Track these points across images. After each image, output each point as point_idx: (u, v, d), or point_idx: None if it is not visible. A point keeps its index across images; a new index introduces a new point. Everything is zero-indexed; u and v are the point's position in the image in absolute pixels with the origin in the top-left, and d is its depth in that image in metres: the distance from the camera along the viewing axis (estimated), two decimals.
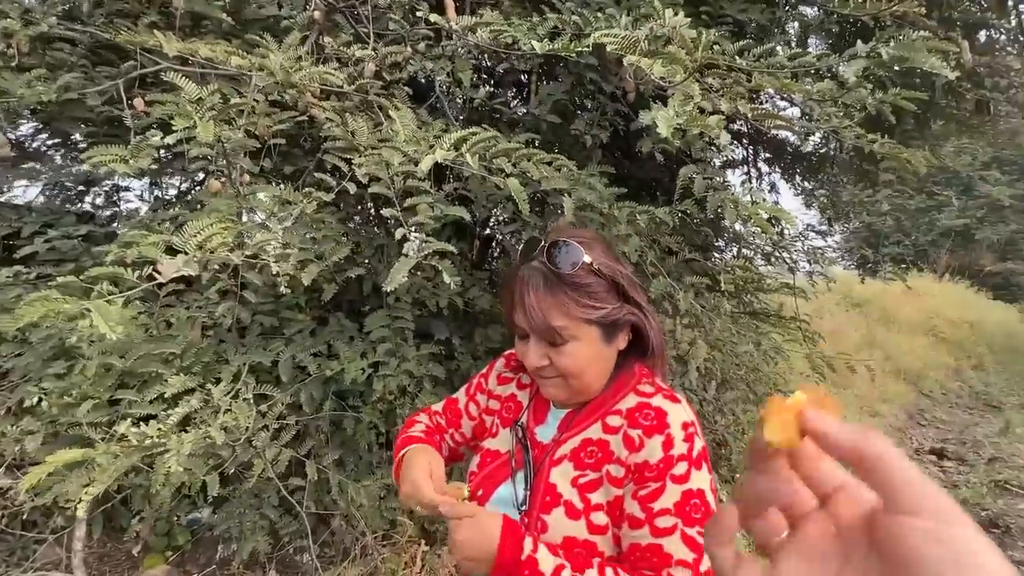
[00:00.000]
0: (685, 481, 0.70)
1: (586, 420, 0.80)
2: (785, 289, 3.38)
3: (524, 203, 1.12)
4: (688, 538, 0.69)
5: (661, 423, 0.73)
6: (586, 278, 0.75)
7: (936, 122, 2.44)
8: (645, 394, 0.78)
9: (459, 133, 1.11)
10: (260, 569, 1.99)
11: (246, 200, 1.16)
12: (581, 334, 0.75)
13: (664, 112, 0.84)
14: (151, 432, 0.93)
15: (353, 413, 1.88)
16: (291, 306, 2.05)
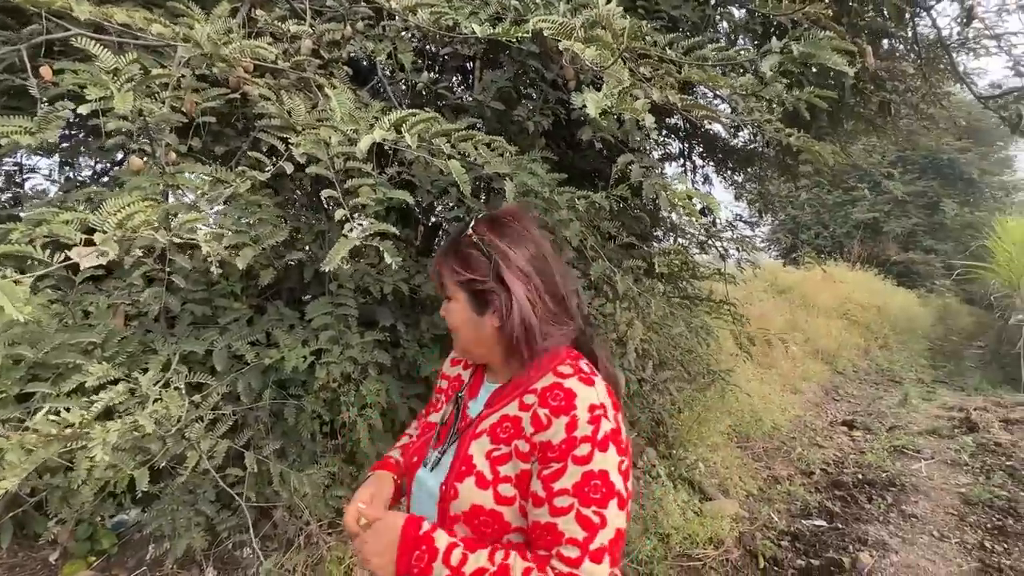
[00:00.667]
0: (587, 462, 0.72)
1: (507, 397, 0.84)
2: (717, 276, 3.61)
3: (466, 185, 1.13)
4: (583, 518, 0.71)
5: (568, 404, 0.75)
6: (467, 248, 0.85)
7: (847, 121, 2.68)
8: (562, 375, 0.79)
9: (399, 114, 1.11)
10: (196, 567, 1.91)
11: (172, 178, 1.10)
12: (456, 296, 0.86)
13: (593, 95, 0.88)
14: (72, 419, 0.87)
15: (295, 402, 1.84)
16: (225, 294, 1.96)
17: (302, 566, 1.86)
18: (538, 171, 1.34)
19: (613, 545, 0.72)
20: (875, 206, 13.22)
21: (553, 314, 0.84)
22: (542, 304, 0.84)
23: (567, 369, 0.81)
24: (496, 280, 0.83)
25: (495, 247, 0.84)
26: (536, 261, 0.85)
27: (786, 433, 4.73)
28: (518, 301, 0.82)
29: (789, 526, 3.14)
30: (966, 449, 4.16)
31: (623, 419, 0.79)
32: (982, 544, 2.83)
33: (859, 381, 7.12)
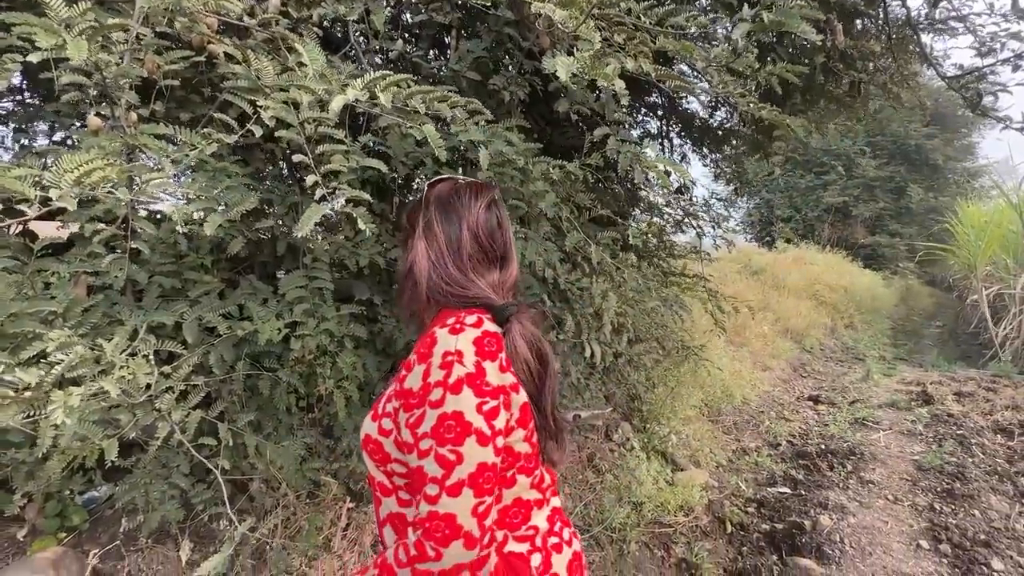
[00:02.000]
0: (440, 406, 0.75)
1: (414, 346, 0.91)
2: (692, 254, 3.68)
3: (440, 150, 1.12)
4: (440, 456, 0.75)
5: (428, 352, 0.79)
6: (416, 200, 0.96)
7: (819, 101, 2.74)
8: (442, 324, 0.83)
9: (373, 74, 1.09)
10: (172, 541, 1.89)
11: (135, 139, 1.07)
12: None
13: (564, 59, 0.88)
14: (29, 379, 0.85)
15: (269, 374, 1.82)
16: (195, 267, 1.91)
17: (280, 536, 1.87)
18: (513, 139, 1.34)
19: (475, 478, 0.75)
20: (845, 190, 13.58)
21: (448, 272, 0.90)
22: (439, 263, 0.90)
23: (450, 320, 0.84)
24: (412, 232, 0.93)
25: (426, 205, 0.93)
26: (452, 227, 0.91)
27: (755, 407, 4.91)
28: (415, 252, 0.91)
29: (756, 494, 3.28)
30: (921, 420, 4.40)
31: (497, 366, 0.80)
32: (932, 506, 3.02)
33: (825, 359, 7.40)
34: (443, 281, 0.89)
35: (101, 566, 1.79)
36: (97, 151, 1.00)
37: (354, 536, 2.05)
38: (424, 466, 0.76)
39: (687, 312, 2.83)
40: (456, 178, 0.96)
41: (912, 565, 2.48)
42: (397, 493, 0.86)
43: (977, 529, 2.72)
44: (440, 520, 0.74)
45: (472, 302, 0.88)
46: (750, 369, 5.72)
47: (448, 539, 0.74)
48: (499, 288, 0.92)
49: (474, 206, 0.92)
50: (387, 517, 0.89)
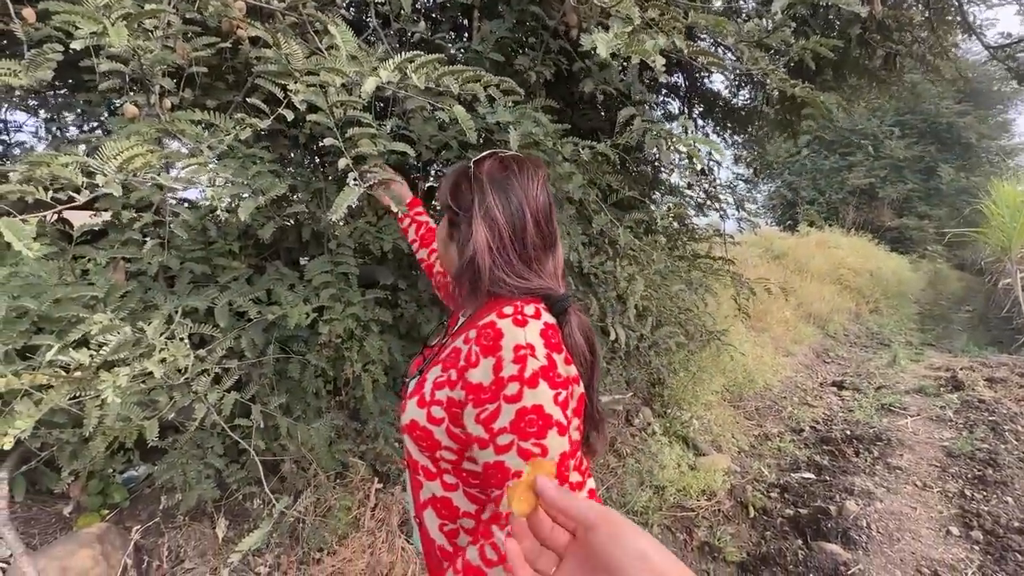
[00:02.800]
0: (518, 400, 0.74)
1: (462, 331, 0.88)
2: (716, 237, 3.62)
3: (471, 131, 1.11)
4: (523, 451, 0.74)
5: (495, 345, 0.76)
6: (462, 178, 0.90)
7: (851, 76, 2.64)
8: (501, 314, 0.80)
9: (405, 55, 1.08)
10: (208, 519, 1.96)
11: (172, 124, 1.08)
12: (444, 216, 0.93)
13: (603, 35, 0.86)
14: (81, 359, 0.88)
15: (299, 358, 1.85)
16: (223, 253, 1.94)
17: (312, 516, 1.92)
18: (542, 119, 1.32)
19: (559, 468, 0.75)
20: (872, 171, 13.17)
21: (512, 266, 0.86)
22: (502, 255, 0.85)
23: (508, 310, 0.81)
24: (466, 216, 0.87)
25: (480, 187, 0.87)
26: (514, 215, 0.87)
27: (777, 393, 4.85)
28: (475, 243, 0.86)
29: (779, 479, 3.26)
30: (951, 406, 4.30)
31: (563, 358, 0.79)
32: (962, 492, 2.96)
33: (850, 344, 7.26)
34: (506, 275, 0.85)
35: (143, 541, 1.87)
36: (137, 137, 1.01)
37: (382, 516, 2.10)
38: (505, 461, 0.75)
39: (713, 296, 2.79)
40: (498, 153, 0.91)
41: (942, 551, 2.45)
42: (442, 477, 0.86)
43: (1011, 516, 2.67)
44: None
45: (531, 292, 0.85)
46: (772, 354, 5.64)
47: None
48: (554, 276, 0.89)
49: (531, 187, 0.88)
50: (428, 500, 0.88)
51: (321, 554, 1.94)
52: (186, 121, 1.07)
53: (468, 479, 0.85)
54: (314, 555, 1.93)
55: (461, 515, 0.86)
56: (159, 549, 1.85)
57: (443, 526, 0.87)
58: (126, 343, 1.21)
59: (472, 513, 0.85)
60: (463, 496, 0.85)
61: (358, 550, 1.95)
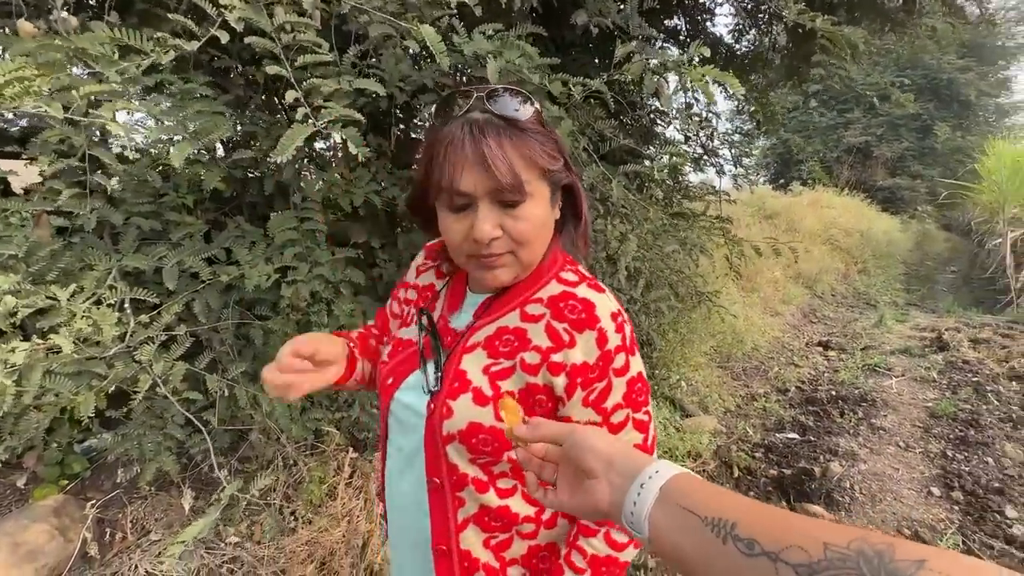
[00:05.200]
0: (626, 371, 0.69)
1: (504, 307, 0.74)
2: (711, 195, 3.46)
3: (443, 56, 0.93)
4: (638, 422, 0.71)
5: (591, 316, 0.68)
6: (539, 127, 0.66)
7: (866, 18, 2.42)
8: (568, 282, 0.72)
9: None
10: (175, 489, 1.87)
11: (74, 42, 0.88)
12: (538, 191, 0.66)
13: None
14: None
15: (260, 323, 1.71)
16: (176, 207, 1.75)
17: (283, 486, 1.84)
18: (527, 48, 1.13)
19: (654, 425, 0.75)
20: (868, 129, 12.91)
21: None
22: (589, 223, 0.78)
23: (571, 276, 0.73)
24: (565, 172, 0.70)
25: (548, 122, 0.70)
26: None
27: (765, 353, 4.84)
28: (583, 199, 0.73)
29: (764, 439, 3.25)
30: (935, 367, 4.32)
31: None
32: (944, 453, 2.98)
33: (836, 304, 7.28)
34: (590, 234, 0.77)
35: (104, 514, 1.77)
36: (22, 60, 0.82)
37: (359, 484, 2.03)
38: (622, 438, 0.71)
39: (708, 256, 2.67)
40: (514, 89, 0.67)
41: (923, 512, 2.46)
42: (495, 484, 0.72)
43: (990, 477, 2.69)
44: None
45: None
46: (760, 315, 5.61)
47: None
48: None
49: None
50: (473, 517, 0.73)
51: (296, 523, 1.87)
52: (90, 40, 0.87)
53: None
54: (288, 523, 1.86)
55: (521, 521, 0.74)
56: (122, 521, 1.76)
57: (491, 540, 0.74)
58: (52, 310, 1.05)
59: (532, 516, 0.74)
60: (522, 500, 0.74)
61: (334, 519, 1.88)
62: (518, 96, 0.65)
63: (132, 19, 1.63)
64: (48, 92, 0.76)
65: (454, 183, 0.63)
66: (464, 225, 0.65)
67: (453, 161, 0.62)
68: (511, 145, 0.63)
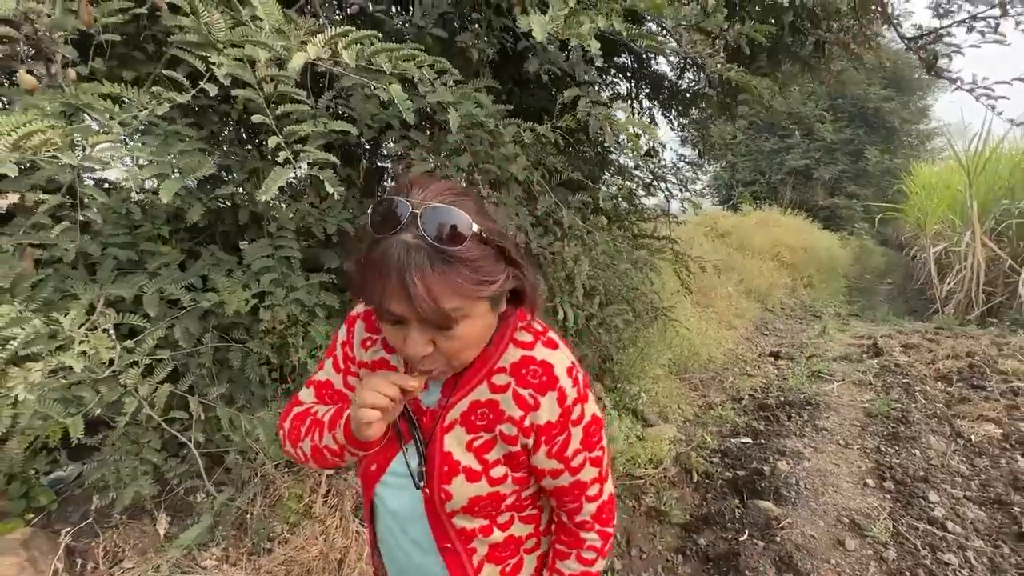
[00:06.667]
0: (582, 419, 0.76)
1: (471, 381, 0.76)
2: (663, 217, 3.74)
3: (409, 112, 1.09)
4: (593, 459, 0.79)
5: (550, 378, 0.73)
6: (475, 250, 0.63)
7: (785, 62, 2.76)
8: (525, 344, 0.75)
9: (335, 30, 1.03)
10: (148, 516, 1.88)
11: (76, 98, 0.99)
12: (473, 311, 0.65)
13: (539, 17, 0.86)
14: None
15: (240, 346, 1.78)
16: (152, 238, 1.83)
17: (260, 507, 1.88)
18: (483, 100, 1.30)
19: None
20: (807, 153, 13.89)
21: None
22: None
23: (526, 336, 0.76)
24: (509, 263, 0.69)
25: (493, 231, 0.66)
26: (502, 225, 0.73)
27: (720, 364, 5.13)
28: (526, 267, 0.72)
29: (720, 445, 3.47)
30: (871, 371, 4.69)
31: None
32: (878, 448, 3.26)
33: (786, 317, 7.74)
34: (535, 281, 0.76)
35: (75, 544, 1.77)
36: (35, 112, 0.93)
37: (334, 502, 2.08)
38: (580, 477, 0.78)
39: (657, 274, 2.89)
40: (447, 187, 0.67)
41: (859, 501, 2.70)
42: (496, 522, 0.81)
43: (917, 467, 2.97)
44: (609, 505, 0.84)
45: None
46: (716, 329, 5.93)
47: (613, 513, 0.85)
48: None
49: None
50: (485, 557, 0.82)
51: (272, 543, 1.91)
52: (92, 94, 0.98)
53: (522, 505, 0.83)
54: (264, 545, 1.89)
55: (525, 539, 0.85)
56: (94, 551, 1.76)
57: (505, 568, 0.84)
58: (39, 336, 1.12)
59: (532, 532, 0.85)
60: (520, 523, 0.83)
61: (311, 537, 1.93)
62: (457, 217, 0.61)
63: (112, 61, 1.73)
64: (59, 143, 0.87)
65: (382, 304, 0.63)
66: (400, 334, 0.66)
67: (382, 287, 0.61)
68: (438, 277, 0.60)
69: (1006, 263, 6.65)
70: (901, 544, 2.35)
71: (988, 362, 4.60)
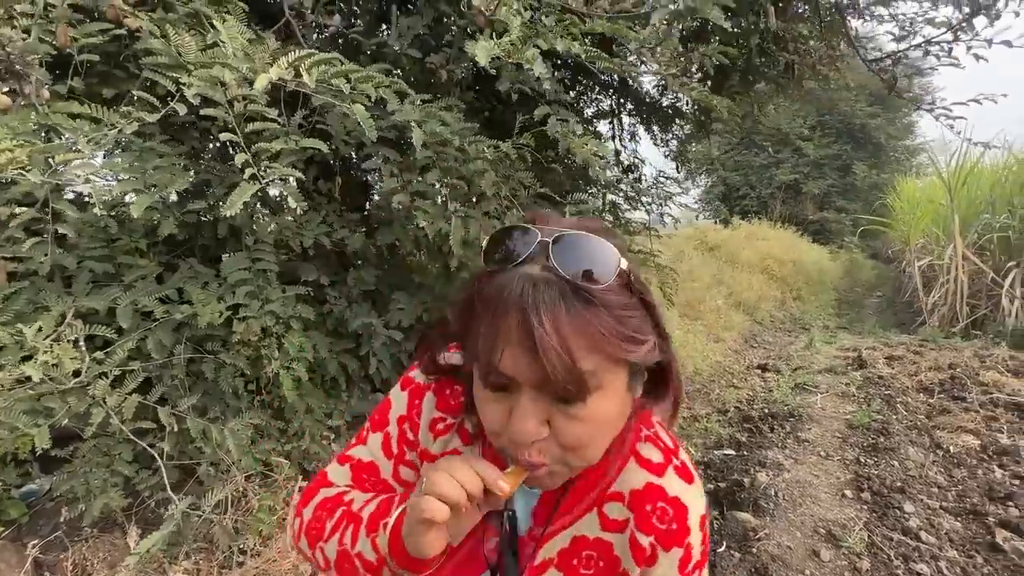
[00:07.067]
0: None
1: (575, 506, 0.58)
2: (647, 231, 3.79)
3: (371, 130, 1.14)
4: None
5: (681, 528, 0.55)
6: (621, 295, 0.48)
7: (757, 82, 2.85)
8: (652, 466, 0.57)
9: (299, 53, 1.08)
10: (119, 529, 1.88)
11: (47, 118, 1.03)
12: (610, 383, 0.48)
13: (484, 43, 0.91)
14: None
15: (213, 357, 1.80)
16: (129, 251, 1.85)
17: (231, 520, 1.88)
18: (447, 119, 1.35)
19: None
20: (796, 168, 14.13)
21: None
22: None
23: (654, 454, 0.57)
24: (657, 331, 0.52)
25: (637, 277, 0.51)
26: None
27: (707, 377, 5.15)
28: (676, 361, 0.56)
29: (704, 457, 3.48)
30: (855, 383, 4.73)
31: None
32: (858, 459, 3.29)
33: (775, 329, 7.79)
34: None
35: (43, 557, 1.77)
36: (6, 131, 0.97)
37: None
38: None
39: None
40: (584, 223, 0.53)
41: (836, 512, 2.72)
42: None
43: (894, 478, 3.00)
44: None
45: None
46: (703, 341, 5.96)
47: None
48: None
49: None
50: None
51: (244, 556, 1.91)
52: (63, 114, 1.02)
53: None
54: (236, 558, 1.89)
55: None
56: (63, 564, 1.76)
57: None
58: (8, 347, 1.14)
59: None
60: None
61: (283, 550, 1.93)
62: (596, 248, 0.47)
63: (93, 79, 1.78)
64: (26, 162, 0.91)
65: (491, 360, 0.47)
66: (502, 408, 0.49)
67: (494, 334, 0.46)
68: (575, 326, 0.44)
69: (988, 276, 6.74)
70: (875, 555, 2.36)
71: (969, 374, 4.65)
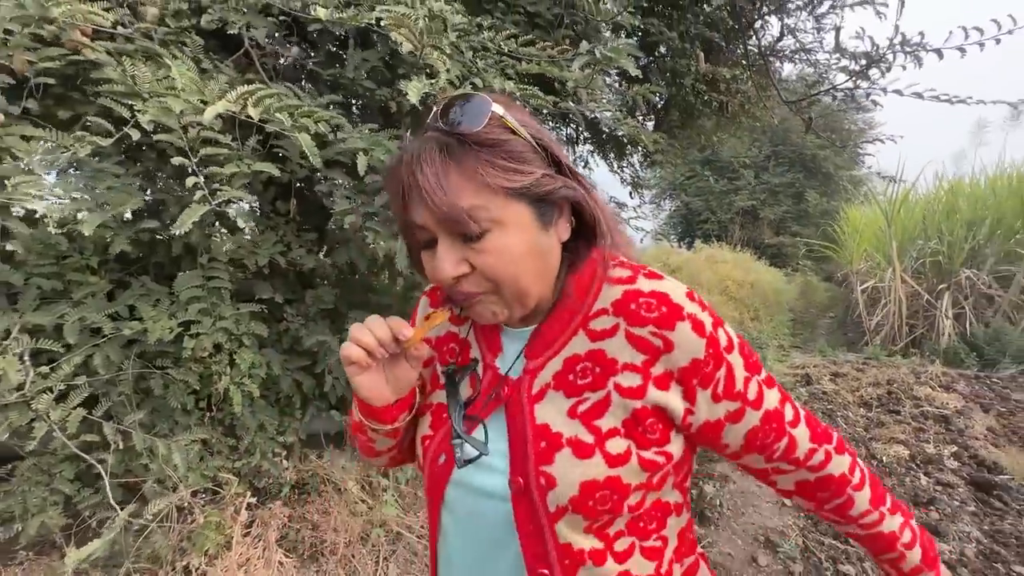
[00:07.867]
0: (732, 344, 0.60)
1: (561, 333, 0.62)
2: None
3: (316, 157, 1.23)
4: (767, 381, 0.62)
5: (671, 308, 0.57)
6: (501, 134, 0.54)
7: (697, 118, 3.09)
8: (622, 279, 0.61)
9: (246, 87, 1.18)
10: (57, 551, 1.84)
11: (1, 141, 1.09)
12: (506, 216, 0.54)
13: (416, 83, 1.03)
14: None
15: (162, 373, 1.82)
16: (80, 268, 1.87)
17: (176, 537, 1.88)
18: (393, 148, 1.46)
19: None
20: (754, 194, 14.86)
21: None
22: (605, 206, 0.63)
23: (622, 272, 0.62)
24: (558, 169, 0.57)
25: (537, 129, 0.57)
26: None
27: None
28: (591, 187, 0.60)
29: None
30: (801, 398, 4.97)
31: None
32: None
33: None
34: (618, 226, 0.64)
35: None
36: None
37: (258, 532, 2.09)
38: (767, 406, 0.61)
39: None
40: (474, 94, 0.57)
41: (776, 520, 2.86)
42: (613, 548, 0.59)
43: None
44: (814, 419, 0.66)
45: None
46: None
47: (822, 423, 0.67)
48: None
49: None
50: None
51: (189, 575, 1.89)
52: (17, 137, 1.09)
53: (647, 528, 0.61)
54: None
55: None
56: None
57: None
58: None
59: (652, 572, 0.62)
60: (640, 557, 0.61)
61: (230, 569, 1.92)
62: (479, 102, 0.54)
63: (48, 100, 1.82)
64: None
65: (405, 219, 0.56)
66: (432, 259, 0.56)
67: (403, 196, 0.55)
68: (450, 166, 0.51)
69: (924, 298, 7.23)
70: (808, 558, 2.50)
71: (904, 389, 4.96)
